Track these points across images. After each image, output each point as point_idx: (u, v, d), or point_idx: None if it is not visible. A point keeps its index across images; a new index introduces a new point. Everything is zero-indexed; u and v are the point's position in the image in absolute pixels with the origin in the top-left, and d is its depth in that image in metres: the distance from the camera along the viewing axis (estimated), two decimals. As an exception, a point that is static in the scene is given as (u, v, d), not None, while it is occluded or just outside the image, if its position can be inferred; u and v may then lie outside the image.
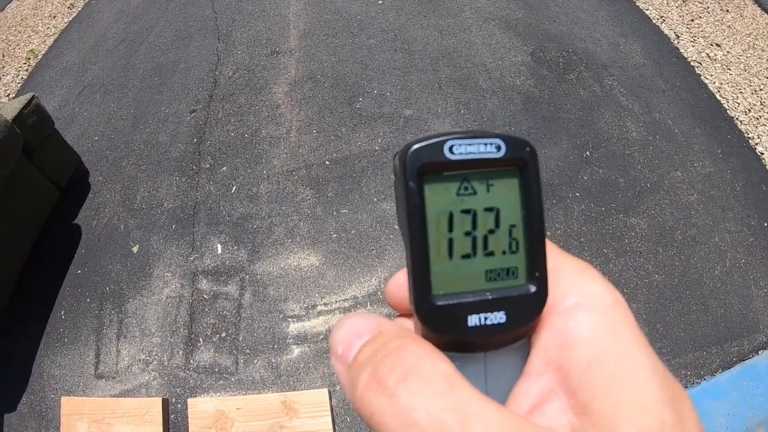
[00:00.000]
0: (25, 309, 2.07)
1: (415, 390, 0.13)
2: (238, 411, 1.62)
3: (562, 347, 0.15)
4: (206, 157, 2.29)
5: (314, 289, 1.79)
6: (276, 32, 2.88)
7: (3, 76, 3.74)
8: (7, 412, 1.86)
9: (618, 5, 2.82)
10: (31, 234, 2.20)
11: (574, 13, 2.75)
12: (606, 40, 2.56)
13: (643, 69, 2.38)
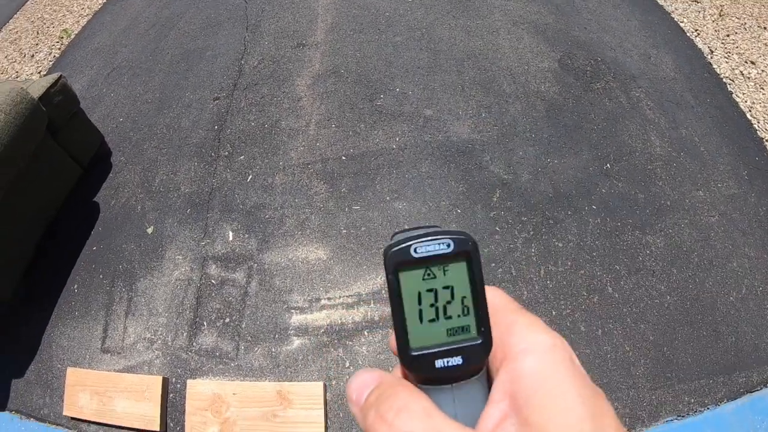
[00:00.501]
0: (40, 280, 2.23)
1: (405, 420, 0.21)
2: (234, 396, 1.72)
3: (514, 381, 0.23)
4: (225, 144, 2.43)
5: (319, 282, 1.88)
6: (304, 24, 3.01)
7: (36, 53, 4.00)
8: (15, 377, 2.01)
9: (652, 16, 2.81)
10: (51, 209, 2.36)
11: (605, 21, 2.77)
12: (637, 51, 2.56)
13: (672, 82, 2.39)
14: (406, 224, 1.95)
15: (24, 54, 4.12)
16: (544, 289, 1.72)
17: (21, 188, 2.13)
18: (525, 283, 1.74)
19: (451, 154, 2.14)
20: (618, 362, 1.60)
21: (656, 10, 2.87)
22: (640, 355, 1.61)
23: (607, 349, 1.62)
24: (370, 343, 1.72)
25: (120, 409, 1.81)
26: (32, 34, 4.38)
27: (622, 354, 1.61)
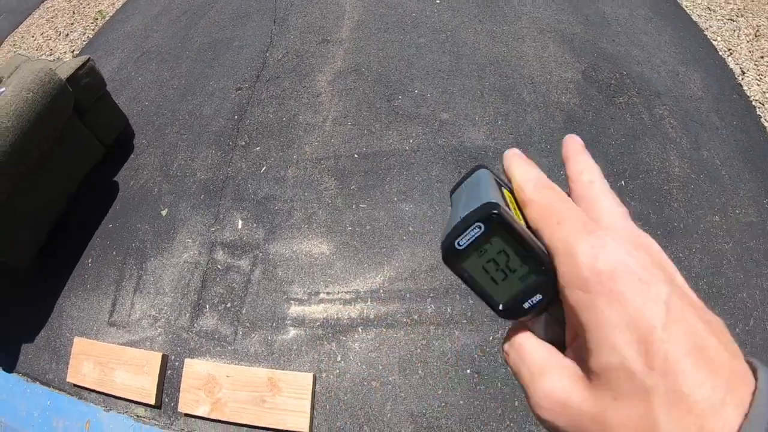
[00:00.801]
0: (57, 252, 2.39)
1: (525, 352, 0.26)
2: (227, 378, 1.82)
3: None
4: (243, 134, 2.54)
5: (320, 276, 1.96)
6: (330, 21, 3.11)
7: (71, 33, 4.24)
8: (25, 342, 2.17)
9: (684, 32, 2.79)
10: (73, 185, 2.52)
11: (635, 34, 2.76)
12: (665, 67, 2.55)
13: (699, 102, 2.37)
14: (410, 226, 2.01)
15: (59, 32, 4.37)
16: (543, 302, 1.75)
17: (46, 164, 2.29)
18: (524, 294, 1.78)
19: (464, 159, 2.19)
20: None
21: (689, 26, 2.84)
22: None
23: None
24: (363, 340, 1.79)
25: (119, 380, 1.93)
26: (68, 13, 4.64)
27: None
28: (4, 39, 4.96)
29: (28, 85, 2.11)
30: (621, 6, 2.98)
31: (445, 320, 1.77)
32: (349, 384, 1.72)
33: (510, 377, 1.65)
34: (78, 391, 1.99)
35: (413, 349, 1.74)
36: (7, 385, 2.13)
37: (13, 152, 2.05)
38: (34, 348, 2.15)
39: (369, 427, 1.65)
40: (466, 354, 1.70)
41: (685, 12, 2.96)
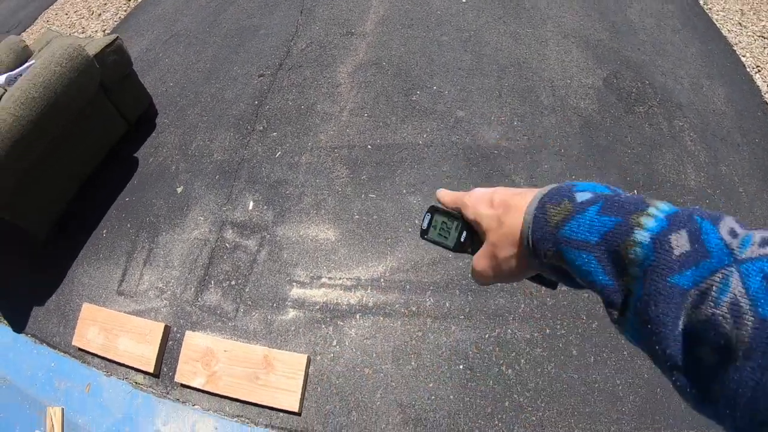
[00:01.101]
0: (75, 222, 2.53)
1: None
2: (225, 353, 1.90)
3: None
4: (262, 120, 2.65)
5: (324, 261, 2.04)
6: (355, 14, 3.20)
7: (103, 13, 4.45)
8: (36, 305, 2.31)
9: (713, 45, 2.78)
10: (96, 159, 2.66)
11: (661, 44, 2.76)
12: (689, 79, 2.54)
13: (721, 117, 2.36)
14: (417, 219, 2.07)
15: (92, 12, 4.59)
16: (542, 306, 1.78)
17: (71, 136, 2.43)
18: (524, 297, 1.81)
19: (476, 157, 2.24)
20: (605, 394, 1.63)
21: (718, 40, 2.82)
22: (630, 391, 1.63)
23: (596, 378, 1.66)
24: (359, 327, 1.85)
25: (122, 347, 2.05)
26: (102, -7, 4.87)
27: (611, 386, 1.64)
28: (38, 15, 5.24)
29: (57, 59, 2.25)
30: (649, 15, 2.98)
31: (442, 314, 1.82)
32: (342, 369, 1.79)
33: (502, 377, 1.69)
34: (82, 355, 2.10)
35: (408, 340, 1.80)
36: (15, 345, 2.27)
37: (39, 122, 2.18)
38: (44, 311, 2.28)
39: (358, 413, 1.70)
40: (461, 350, 1.75)
41: (716, 26, 2.94)
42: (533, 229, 0.37)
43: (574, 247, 0.33)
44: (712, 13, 3.06)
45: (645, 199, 0.32)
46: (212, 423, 1.84)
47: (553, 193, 0.37)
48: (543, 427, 1.59)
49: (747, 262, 0.24)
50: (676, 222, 0.29)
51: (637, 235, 0.29)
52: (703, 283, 0.25)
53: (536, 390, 1.65)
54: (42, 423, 2.01)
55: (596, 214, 0.33)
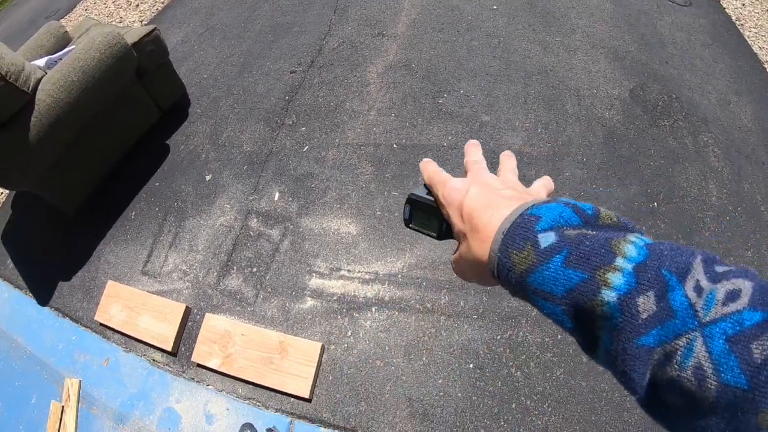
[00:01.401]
0: (104, 203, 2.68)
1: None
2: (242, 336, 2.01)
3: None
4: (291, 114, 2.77)
5: (344, 254, 2.14)
6: (388, 16, 3.31)
7: (141, 4, 4.67)
8: (62, 280, 2.46)
9: (742, 61, 2.79)
10: (128, 143, 2.82)
11: (690, 59, 2.79)
12: (716, 95, 2.57)
13: (747, 134, 2.37)
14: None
15: (130, 2, 4.83)
16: (556, 310, 1.85)
17: (105, 121, 2.58)
18: (539, 300, 1.88)
19: (497, 162, 2.31)
20: (612, 403, 1.67)
21: (748, 57, 2.83)
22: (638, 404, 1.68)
23: (604, 387, 1.70)
24: (374, 320, 1.94)
25: (143, 324, 2.17)
26: (141, -15, 5.11)
27: (619, 397, 1.68)
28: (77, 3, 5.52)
29: (96, 46, 2.39)
30: (680, 29, 3.01)
31: (456, 312, 1.90)
32: (354, 359, 1.88)
33: (511, 379, 1.75)
34: (103, 330, 2.24)
35: (421, 335, 1.87)
36: (38, 317, 2.42)
37: (76, 105, 2.33)
38: (69, 286, 2.43)
39: (367, 403, 1.78)
40: (472, 349, 1.82)
41: (747, 42, 2.95)
42: (498, 272, 0.37)
43: (542, 298, 0.34)
44: (745, 30, 3.07)
45: (611, 243, 0.31)
46: (224, 403, 1.94)
47: (516, 232, 0.36)
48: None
49: (710, 325, 0.26)
50: (643, 280, 0.29)
51: (603, 294, 0.30)
52: (668, 345, 0.27)
53: (544, 394, 1.70)
54: (58, 393, 2.14)
55: (561, 265, 0.32)
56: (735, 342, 0.25)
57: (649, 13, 3.15)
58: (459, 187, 0.44)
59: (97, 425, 2.04)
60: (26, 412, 2.17)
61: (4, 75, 2.07)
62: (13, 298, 2.56)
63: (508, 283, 0.37)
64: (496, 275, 0.38)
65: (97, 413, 2.06)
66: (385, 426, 1.73)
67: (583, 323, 0.32)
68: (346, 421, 1.76)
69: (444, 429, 1.69)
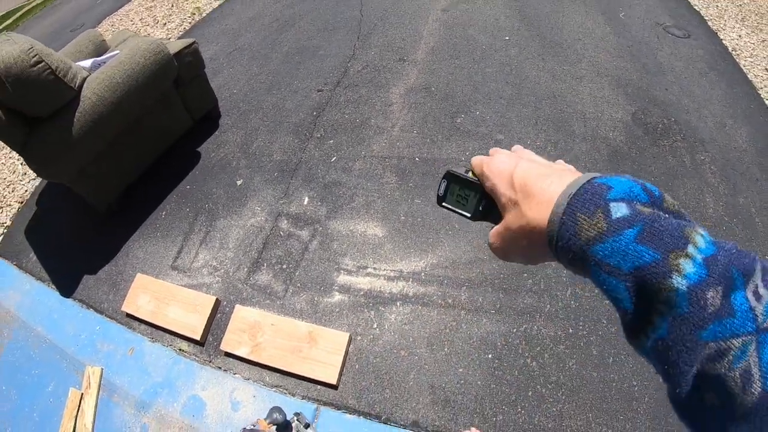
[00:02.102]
0: (135, 203, 2.90)
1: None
2: (271, 326, 2.18)
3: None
4: (319, 128, 3.07)
5: (370, 254, 2.37)
6: (408, 43, 3.68)
7: (168, 22, 5.06)
8: (87, 274, 2.63)
9: (738, 89, 3.13)
10: (160, 148, 3.05)
11: (688, 86, 3.14)
12: (713, 118, 2.89)
13: (742, 153, 2.67)
14: (456, 224, 2.40)
15: (157, 20, 5.21)
16: (567, 308, 2.07)
17: (142, 124, 2.81)
18: (550, 298, 2.11)
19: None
20: (622, 393, 1.87)
21: (743, 84, 3.19)
22: (646, 393, 1.86)
23: (613, 377, 1.91)
24: (399, 314, 2.16)
25: (172, 315, 2.32)
26: (167, 5, 5.51)
27: (628, 386, 1.88)
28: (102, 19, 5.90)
29: (141, 52, 2.65)
30: (678, 59, 3.38)
31: (475, 308, 2.12)
32: (380, 349, 2.07)
33: (527, 369, 1.96)
34: (128, 322, 2.39)
35: (443, 328, 2.09)
36: (61, 308, 2.54)
37: (118, 105, 2.57)
38: (95, 279, 2.60)
39: (391, 390, 1.97)
40: (490, 340, 2.03)
41: (743, 71, 3.32)
42: (558, 236, 0.37)
43: (605, 271, 0.33)
44: (740, 59, 3.44)
45: (684, 229, 0.32)
46: (251, 391, 2.08)
47: (585, 197, 0.36)
48: (562, 419, 1.82)
49: (766, 332, 0.27)
50: (714, 273, 0.29)
51: (674, 280, 0.30)
52: (723, 343, 0.27)
53: (557, 383, 1.91)
54: (78, 381, 2.24)
55: (633, 240, 0.32)
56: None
57: (650, 44, 3.55)
58: (506, 159, 0.47)
59: (118, 412, 2.13)
60: (41, 399, 2.25)
61: (54, 70, 2.30)
62: (34, 289, 2.68)
63: (567, 250, 0.36)
64: (554, 242, 0.38)
65: (118, 401, 2.17)
66: (409, 412, 1.90)
67: (641, 305, 0.32)
68: (371, 407, 1.93)
69: (465, 415, 1.86)
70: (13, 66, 2.18)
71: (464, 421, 1.85)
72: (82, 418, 2.15)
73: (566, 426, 1.80)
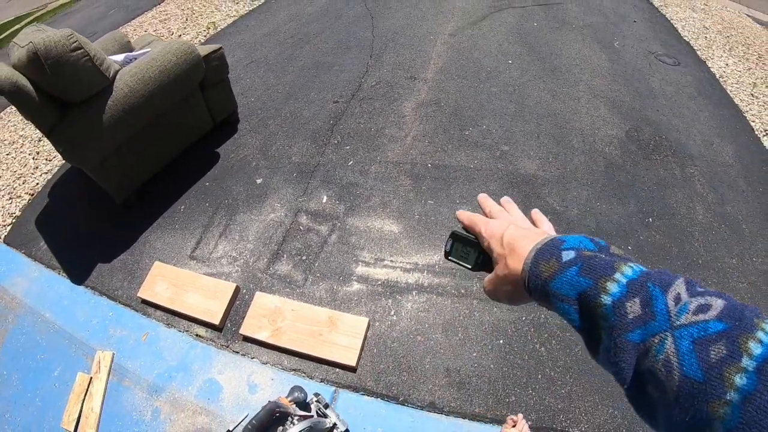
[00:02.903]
0: (154, 197, 2.99)
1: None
2: (292, 312, 2.25)
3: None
4: (336, 135, 3.25)
5: (387, 248, 2.51)
6: (418, 63, 3.94)
7: (183, 35, 5.22)
8: (101, 262, 2.67)
9: (725, 111, 3.42)
10: (181, 145, 3.16)
11: (678, 108, 3.42)
12: (701, 137, 3.16)
13: (729, 168, 2.91)
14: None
15: (171, 32, 5.37)
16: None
17: (166, 120, 2.93)
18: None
19: (517, 182, 2.80)
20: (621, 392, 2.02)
21: (730, 107, 3.49)
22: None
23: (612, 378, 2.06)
24: (415, 302, 2.28)
25: (190, 301, 2.36)
26: (181, 19, 5.69)
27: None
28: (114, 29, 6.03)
29: (173, 51, 2.80)
30: (669, 84, 3.69)
31: (486, 297, 2.23)
32: (397, 335, 2.18)
33: (536, 353, 2.09)
34: (144, 308, 2.42)
35: (457, 315, 2.22)
36: (71, 295, 2.55)
37: (148, 98, 2.69)
38: (109, 268, 2.64)
39: (408, 373, 2.07)
40: (501, 327, 2.17)
41: (729, 96, 3.63)
42: (528, 279, 0.48)
43: (559, 300, 0.44)
44: (727, 85, 3.76)
45: (614, 263, 0.41)
46: (269, 374, 2.13)
47: (545, 249, 0.48)
48: (571, 400, 1.94)
49: (681, 328, 0.33)
50: (633, 289, 0.38)
51: (602, 298, 0.39)
52: (648, 341, 0.34)
53: (565, 367, 2.04)
54: (88, 366, 2.23)
55: (576, 275, 0.43)
56: (698, 344, 0.31)
57: (642, 71, 3.86)
58: (499, 224, 0.59)
59: (128, 396, 2.13)
60: (46, 384, 2.24)
61: (92, 57, 2.42)
62: (43, 277, 2.69)
63: (534, 289, 0.48)
64: (526, 284, 0.49)
65: (129, 385, 2.16)
66: (426, 393, 1.99)
67: (588, 322, 0.41)
68: (389, 389, 2.02)
69: (479, 397, 1.97)
70: (53, 49, 2.27)
71: (479, 402, 1.96)
72: (89, 402, 2.13)
73: (575, 407, 1.92)
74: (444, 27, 4.51)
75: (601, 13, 4.85)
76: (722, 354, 0.30)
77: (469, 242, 0.63)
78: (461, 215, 0.65)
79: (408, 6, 5.05)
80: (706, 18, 5.04)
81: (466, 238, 0.63)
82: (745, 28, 4.91)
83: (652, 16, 4.93)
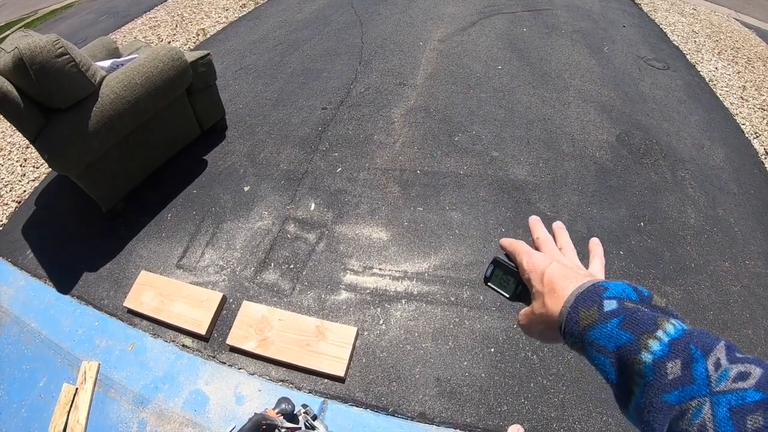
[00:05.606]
0: (140, 205, 2.94)
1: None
2: (279, 321, 2.22)
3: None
4: (324, 142, 3.22)
5: (376, 256, 2.47)
6: (407, 69, 3.93)
7: (173, 41, 5.20)
8: (87, 271, 2.62)
9: (715, 114, 3.44)
10: (168, 153, 3.12)
11: (668, 112, 3.43)
12: (691, 140, 3.16)
13: (719, 171, 2.91)
14: (457, 230, 2.55)
15: (161, 38, 5.35)
16: (565, 306, 2.21)
17: (153, 127, 2.89)
18: (549, 297, 2.25)
19: (507, 188, 2.78)
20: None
21: (720, 111, 3.51)
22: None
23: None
24: (404, 311, 2.25)
25: (177, 310, 2.33)
26: (171, 25, 5.67)
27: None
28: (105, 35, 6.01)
29: (160, 57, 2.77)
30: (659, 88, 3.71)
31: (477, 305, 2.23)
32: (386, 344, 2.14)
33: (528, 362, 2.06)
34: (129, 318, 2.38)
35: (447, 324, 2.19)
36: (57, 304, 2.50)
37: (134, 104, 2.65)
38: (96, 277, 2.59)
39: (398, 383, 2.03)
40: (492, 335, 2.14)
41: (719, 99, 3.65)
42: (565, 324, 0.47)
43: (595, 350, 0.43)
44: (717, 89, 3.79)
45: (657, 319, 0.41)
46: (256, 385, 2.09)
47: (587, 295, 0.46)
48: (564, 408, 1.91)
49: (719, 395, 0.33)
50: (675, 350, 0.37)
51: (643, 355, 0.38)
52: (685, 404, 0.34)
53: (558, 375, 2.01)
54: (73, 377, 2.18)
55: (616, 327, 0.42)
56: (735, 412, 0.31)
57: (632, 75, 3.88)
58: (542, 259, 0.57)
59: (113, 407, 2.09)
60: (31, 395, 2.19)
61: (77, 63, 2.39)
62: (29, 285, 2.64)
63: (570, 334, 0.47)
64: (562, 328, 0.48)
65: (115, 396, 2.12)
66: (416, 404, 1.95)
67: (623, 377, 0.40)
68: (378, 400, 1.98)
69: (470, 406, 1.93)
70: (39, 55, 2.24)
71: (470, 411, 1.92)
72: (75, 413, 2.09)
73: (569, 415, 1.89)
74: (433, 33, 4.51)
75: (590, 18, 4.89)
76: (759, 425, 0.30)
77: (510, 271, 0.61)
78: (504, 242, 0.63)
79: (397, 12, 5.06)
80: (694, 22, 5.09)
81: (507, 266, 0.62)
82: (734, 31, 4.97)
83: (641, 21, 4.98)
